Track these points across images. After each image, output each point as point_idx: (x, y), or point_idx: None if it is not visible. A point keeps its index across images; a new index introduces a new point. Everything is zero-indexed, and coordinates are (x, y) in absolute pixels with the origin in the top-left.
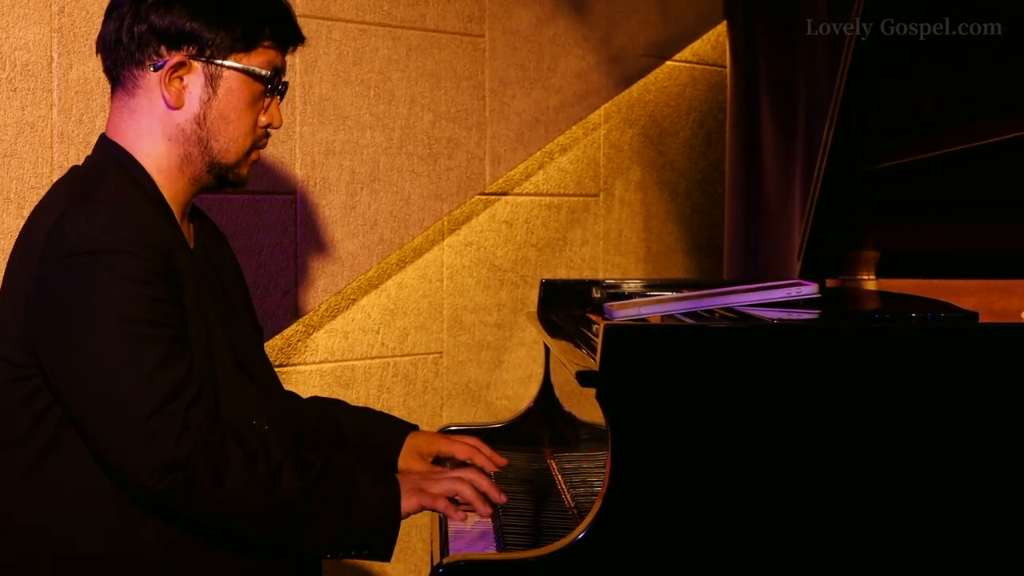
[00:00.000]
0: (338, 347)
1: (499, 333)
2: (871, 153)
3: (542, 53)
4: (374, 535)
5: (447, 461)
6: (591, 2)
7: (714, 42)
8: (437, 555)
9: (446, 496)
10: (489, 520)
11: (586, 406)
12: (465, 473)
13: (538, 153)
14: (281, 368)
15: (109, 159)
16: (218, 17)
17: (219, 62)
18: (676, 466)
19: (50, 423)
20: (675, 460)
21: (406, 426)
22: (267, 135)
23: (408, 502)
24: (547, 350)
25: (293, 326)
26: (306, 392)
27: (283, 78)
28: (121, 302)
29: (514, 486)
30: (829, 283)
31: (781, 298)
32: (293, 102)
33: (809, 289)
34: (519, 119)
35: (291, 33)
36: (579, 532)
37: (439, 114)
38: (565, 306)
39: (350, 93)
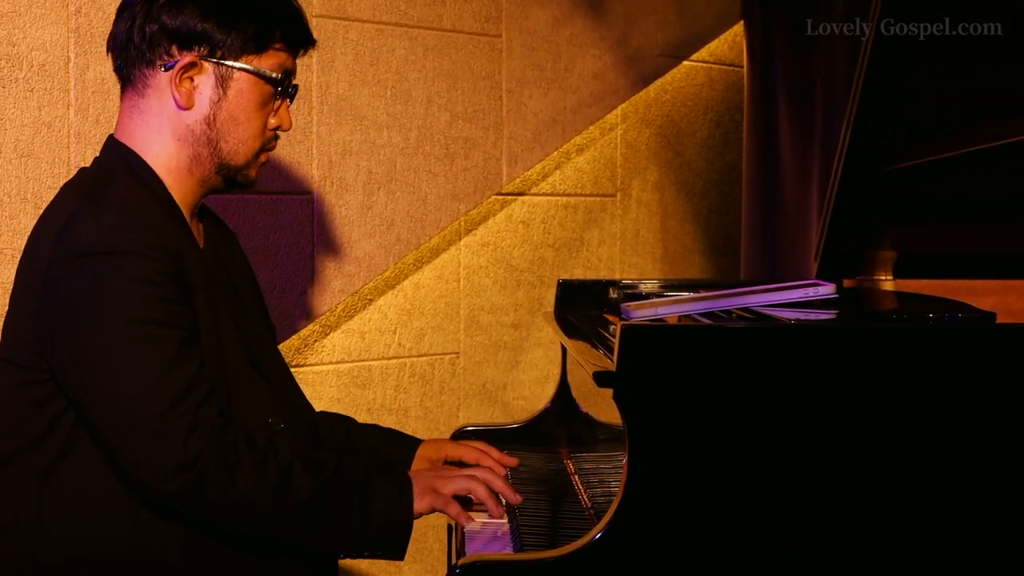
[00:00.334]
0: (355, 347)
1: (516, 333)
2: (889, 153)
3: (559, 53)
4: (387, 536)
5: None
6: (608, 2)
7: (731, 42)
8: (454, 555)
9: (459, 494)
10: (505, 520)
11: (603, 407)
12: (480, 472)
13: (555, 153)
14: (298, 368)
15: (117, 160)
16: (230, 18)
17: (230, 63)
18: (693, 467)
19: (64, 427)
20: (692, 461)
21: (414, 440)
22: (276, 137)
23: (420, 503)
24: (564, 350)
25: (310, 326)
26: (323, 392)
27: (293, 81)
28: (130, 303)
29: (531, 486)
30: (846, 283)
31: (798, 298)
32: (310, 102)
33: (826, 289)
34: (536, 119)
35: (302, 36)
36: (596, 533)
37: (456, 114)
38: (582, 306)
39: (367, 93)
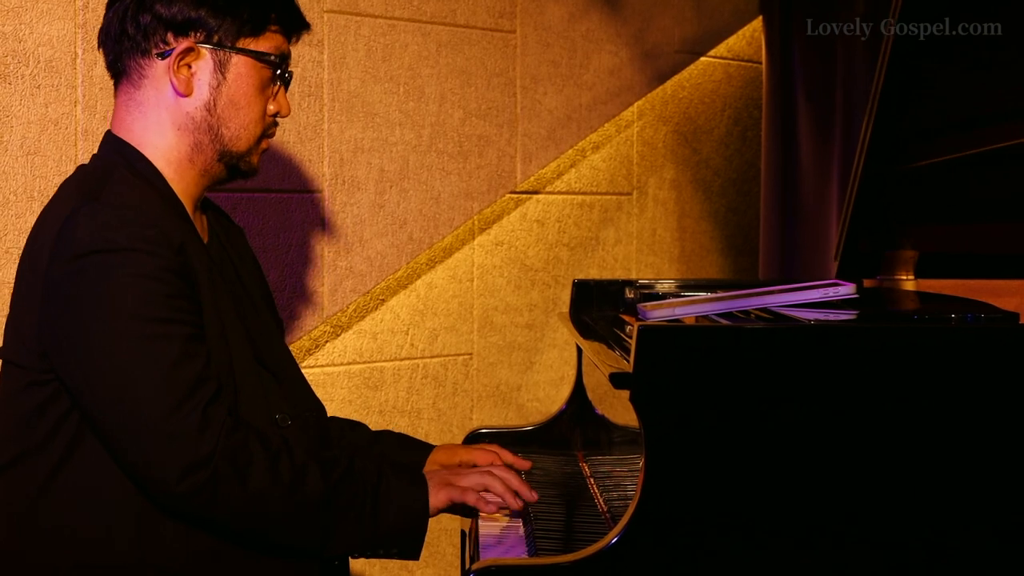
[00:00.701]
0: (367, 348)
1: (530, 334)
2: (910, 151)
3: (574, 49)
4: (402, 534)
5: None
6: None
7: (749, 38)
8: (467, 560)
9: (476, 489)
10: (520, 524)
11: (619, 409)
12: (495, 469)
13: (570, 151)
14: (308, 370)
15: (116, 156)
16: (224, 2)
17: (228, 47)
18: (711, 470)
19: (68, 429)
20: (710, 463)
21: (427, 446)
22: (275, 123)
23: (437, 497)
24: (579, 351)
25: (321, 327)
26: (334, 394)
27: (289, 66)
28: (134, 301)
29: (546, 490)
30: (867, 283)
31: (818, 298)
32: (321, 99)
33: (846, 289)
34: (551, 116)
35: (296, 19)
36: (612, 537)
37: (469, 111)
38: (598, 307)
39: (379, 90)
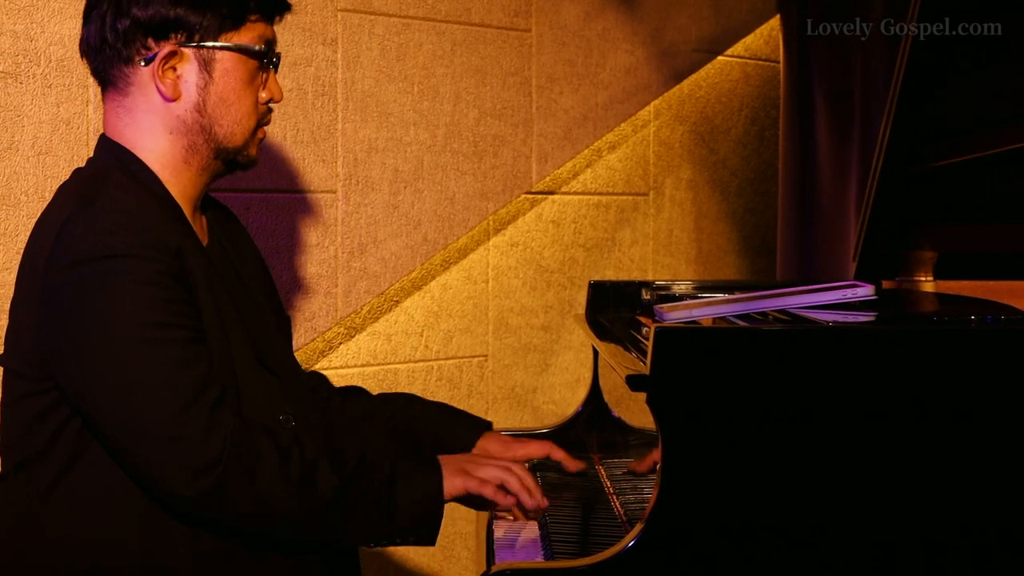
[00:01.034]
0: (380, 350)
1: (546, 336)
2: (930, 150)
3: (590, 48)
4: (418, 523)
5: None
6: None
7: (767, 36)
8: (483, 563)
9: (493, 483)
10: (536, 527)
11: (636, 411)
12: (514, 466)
13: (586, 151)
14: (323, 371)
15: (111, 160)
16: (200, 8)
17: (210, 44)
18: (729, 473)
19: (70, 436)
20: (728, 466)
21: (480, 424)
22: (270, 111)
23: (453, 483)
24: (595, 353)
25: (335, 328)
26: None
27: (275, 49)
28: (133, 307)
29: (562, 492)
30: (886, 284)
31: (836, 300)
32: (335, 99)
33: (865, 291)
34: (567, 116)
35: (276, 3)
36: (629, 540)
37: (484, 111)
38: (614, 308)
39: (393, 89)
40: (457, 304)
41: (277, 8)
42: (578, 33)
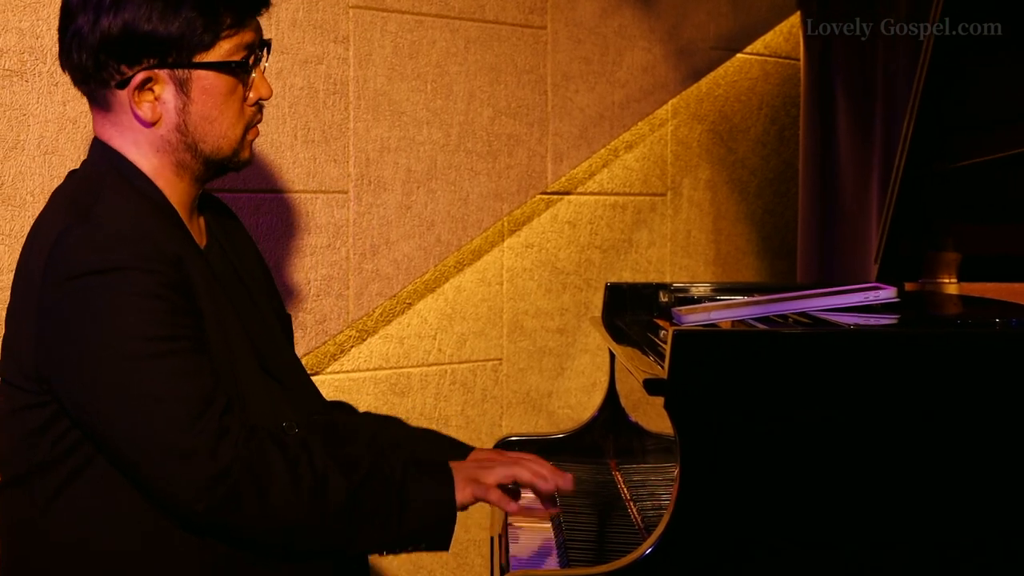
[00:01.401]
0: (393, 353)
1: (562, 339)
2: (953, 149)
3: (607, 46)
4: (430, 530)
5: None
6: None
7: (787, 34)
8: (497, 571)
9: (502, 483)
10: (552, 534)
11: (653, 416)
12: (524, 460)
13: (602, 150)
14: (334, 375)
15: (105, 165)
16: (171, 20)
17: (185, 65)
18: (748, 479)
19: (72, 449)
20: (747, 472)
21: (464, 448)
22: (260, 109)
23: (462, 493)
24: (612, 357)
25: (346, 331)
26: (359, 400)
27: (261, 43)
28: (136, 321)
29: (578, 499)
30: (908, 287)
31: (858, 302)
32: (346, 97)
33: (887, 293)
34: (582, 115)
35: (251, 5)
36: (646, 548)
37: (499, 110)
38: (631, 311)
39: (406, 88)
40: (471, 307)
41: (252, 12)
42: (594, 30)
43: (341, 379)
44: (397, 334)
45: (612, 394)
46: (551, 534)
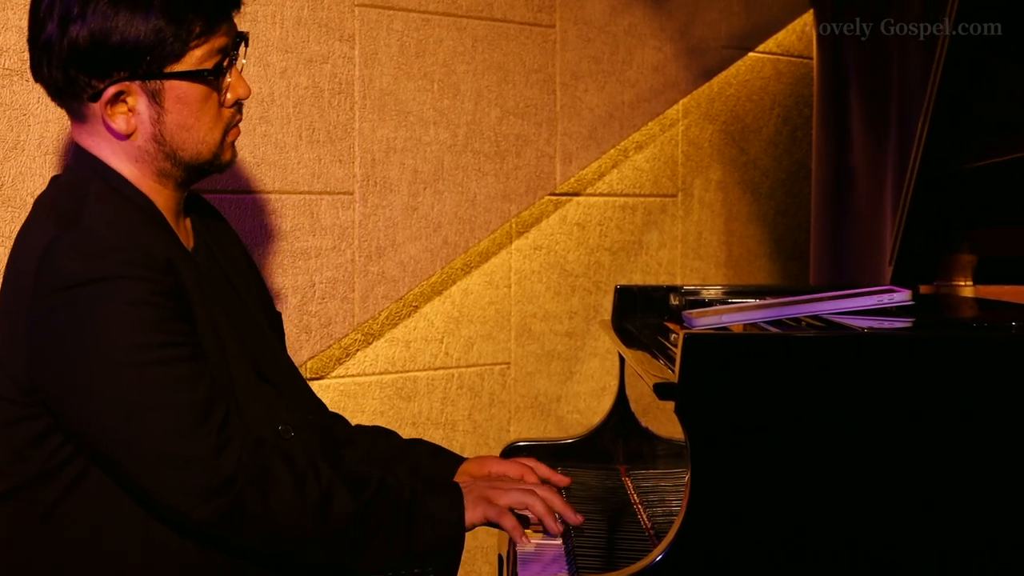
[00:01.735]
0: (399, 357)
1: (570, 342)
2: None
3: (617, 44)
4: (437, 553)
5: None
6: None
7: (800, 32)
8: None
9: (515, 508)
10: (559, 542)
11: (664, 421)
12: (539, 489)
13: (612, 151)
14: (339, 379)
15: (88, 171)
16: (140, 30)
17: (157, 75)
18: (760, 485)
19: (66, 462)
20: (759, 478)
21: (458, 458)
22: (239, 108)
23: (474, 512)
24: (622, 361)
25: (351, 335)
26: (365, 405)
27: (233, 45)
28: (130, 330)
29: (587, 505)
30: (923, 289)
31: (872, 305)
32: (352, 97)
33: (902, 296)
34: (592, 115)
35: (221, 9)
36: (657, 555)
37: (507, 109)
38: (641, 314)
39: (412, 87)
40: (478, 310)
41: (222, 16)
42: (604, 29)
43: (346, 383)
44: (403, 337)
45: (622, 398)
46: (559, 541)
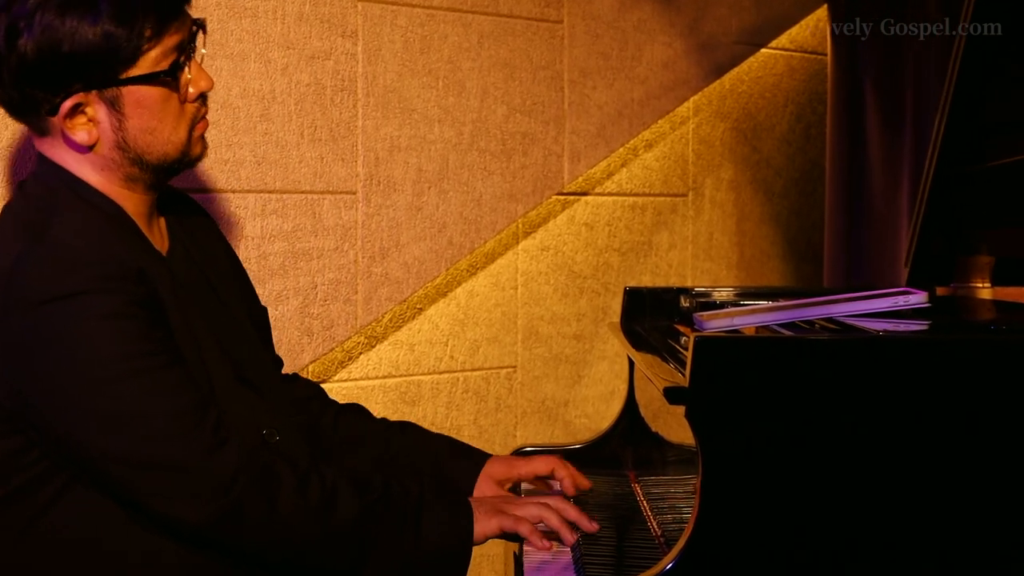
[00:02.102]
0: (403, 361)
1: (578, 345)
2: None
3: (626, 40)
4: (443, 562)
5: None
6: None
7: (813, 28)
8: None
9: (531, 521)
10: (568, 550)
11: (674, 425)
12: (551, 500)
13: (621, 149)
14: (341, 383)
15: (55, 180)
16: (91, 41)
17: (113, 83)
18: (772, 491)
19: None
20: (771, 484)
21: (481, 456)
22: (204, 100)
23: (487, 524)
24: (631, 364)
25: (354, 338)
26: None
27: (189, 39)
28: (108, 343)
29: (595, 512)
30: (940, 291)
31: (887, 308)
32: (355, 94)
33: (918, 298)
34: (600, 112)
35: (171, 5)
36: (667, 563)
37: (513, 107)
38: (651, 316)
39: (417, 84)
40: (484, 312)
41: (173, 13)
42: (612, 24)
43: (349, 387)
44: (407, 340)
45: (631, 403)
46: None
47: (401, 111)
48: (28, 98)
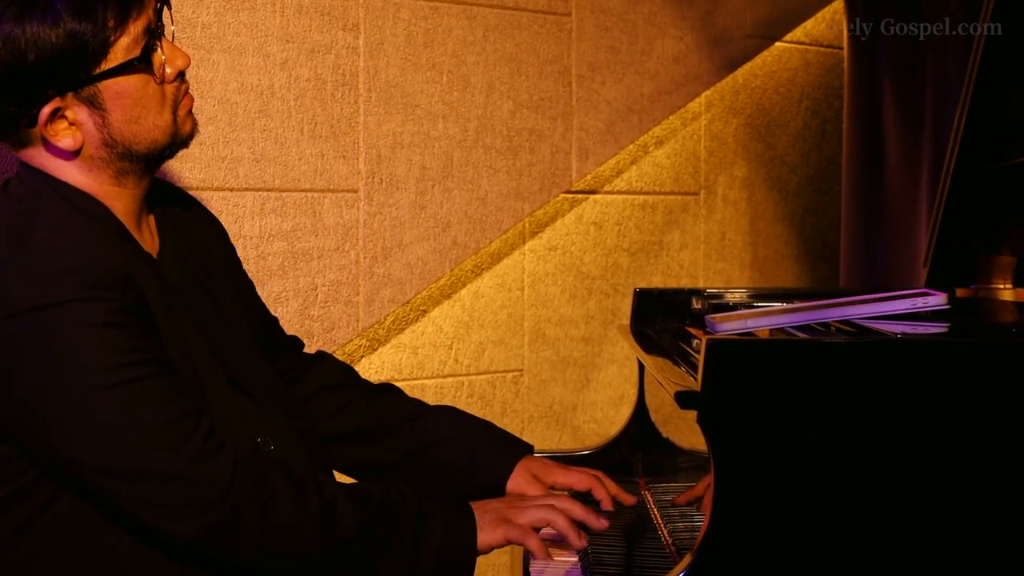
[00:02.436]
0: (406, 364)
1: (587, 348)
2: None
3: (636, 34)
4: (446, 572)
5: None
6: None
7: (829, 20)
8: None
9: (536, 526)
10: (576, 557)
11: (685, 431)
12: (557, 501)
13: (631, 146)
14: None
15: (39, 183)
16: (56, 42)
17: (88, 80)
18: (787, 498)
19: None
20: (786, 491)
21: (522, 446)
22: (183, 78)
23: (492, 534)
24: (641, 368)
25: (356, 340)
26: None
27: (156, 18)
28: (95, 353)
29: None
30: (960, 292)
31: (906, 310)
32: (356, 89)
33: (937, 300)
34: (609, 108)
35: (128, 4)
36: (678, 572)
37: (520, 103)
38: (661, 318)
39: (420, 79)
40: (490, 314)
41: (133, 4)
42: (622, 17)
43: None
44: (410, 343)
45: (641, 407)
46: (575, 557)
47: (404, 107)
48: (4, 116)
